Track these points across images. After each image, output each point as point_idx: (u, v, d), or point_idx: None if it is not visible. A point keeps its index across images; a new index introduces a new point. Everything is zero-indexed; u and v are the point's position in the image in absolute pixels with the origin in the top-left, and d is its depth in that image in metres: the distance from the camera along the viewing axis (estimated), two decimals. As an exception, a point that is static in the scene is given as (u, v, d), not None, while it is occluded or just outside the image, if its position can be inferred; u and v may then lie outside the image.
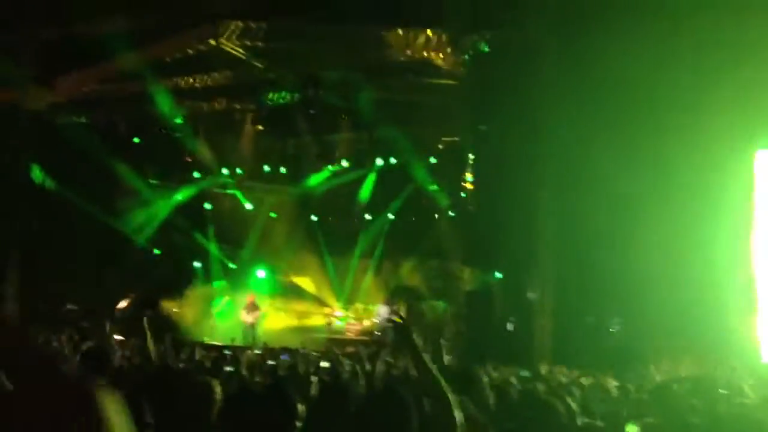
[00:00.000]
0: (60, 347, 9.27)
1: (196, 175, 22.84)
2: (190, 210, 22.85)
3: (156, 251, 22.59)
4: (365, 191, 22.49)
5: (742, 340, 11.90)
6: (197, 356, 9.88)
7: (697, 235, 12.35)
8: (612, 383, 7.08)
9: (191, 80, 19.07)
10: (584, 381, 7.94)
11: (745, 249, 12.89)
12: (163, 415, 4.85)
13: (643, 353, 12.74)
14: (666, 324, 12.92)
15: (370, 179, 22.25)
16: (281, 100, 19.86)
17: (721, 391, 5.70)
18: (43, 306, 18.65)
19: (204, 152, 21.94)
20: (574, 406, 4.76)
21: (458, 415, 3.04)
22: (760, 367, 10.10)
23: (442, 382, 3.12)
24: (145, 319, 5.93)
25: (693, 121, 11.86)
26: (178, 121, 20.68)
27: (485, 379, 6.92)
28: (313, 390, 6.70)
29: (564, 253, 14.98)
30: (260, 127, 21.62)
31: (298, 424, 3.81)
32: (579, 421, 4.68)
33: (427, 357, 3.22)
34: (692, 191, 12.22)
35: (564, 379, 8.11)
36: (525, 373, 9.17)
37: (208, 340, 18.30)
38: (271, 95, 19.87)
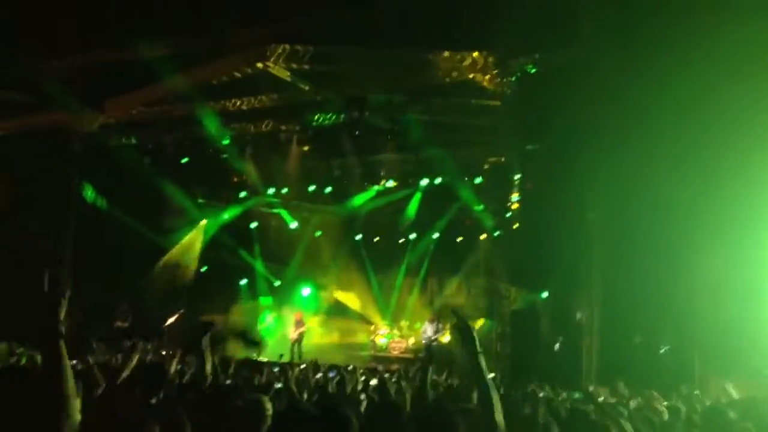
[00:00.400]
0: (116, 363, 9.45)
1: (242, 194, 23.17)
2: (236, 229, 23.21)
3: (203, 269, 22.94)
4: (411, 211, 22.56)
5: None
6: (246, 373, 9.98)
7: (747, 255, 12.15)
8: (661, 404, 7.00)
9: (238, 102, 19.37)
10: (633, 402, 7.88)
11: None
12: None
13: (691, 373, 12.57)
14: (715, 343, 12.72)
15: (416, 199, 22.32)
16: (327, 122, 20.05)
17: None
18: (93, 323, 19.04)
19: (250, 172, 22.25)
20: (628, 427, 4.74)
21: (500, 418, 3.10)
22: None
23: (490, 383, 3.19)
24: (203, 340, 6.00)
25: (746, 141, 11.68)
26: (226, 142, 21.00)
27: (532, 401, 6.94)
28: (363, 408, 6.74)
29: (611, 273, 14.85)
30: (306, 148, 21.83)
31: None
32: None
33: (481, 358, 3.30)
34: (744, 212, 12.02)
35: (612, 400, 8.05)
36: (577, 395, 9.10)
37: (255, 357, 18.48)
38: (316, 117, 20.08)
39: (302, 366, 12.90)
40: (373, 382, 9.41)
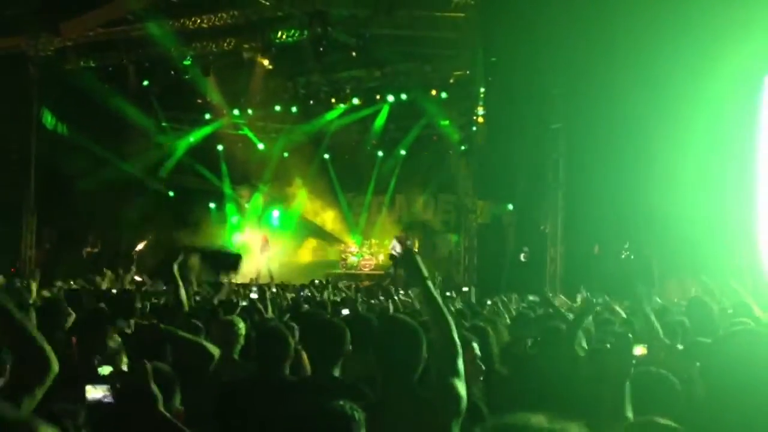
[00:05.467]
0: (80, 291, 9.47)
1: (207, 116, 22.83)
2: (202, 152, 22.94)
3: (170, 193, 22.77)
4: (377, 128, 22.45)
5: (747, 264, 12.00)
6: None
7: (702, 163, 12.37)
8: (621, 306, 7.27)
9: (198, 20, 18.89)
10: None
11: (749, 175, 12.86)
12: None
13: (650, 276, 12.95)
14: (671, 249, 13.08)
15: (382, 116, 22.19)
16: (290, 39, 19.67)
17: (728, 311, 5.85)
18: (60, 251, 18.97)
19: (214, 93, 21.88)
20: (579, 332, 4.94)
21: (456, 337, 3.16)
22: (763, 289, 10.24)
23: (444, 308, 3.23)
24: (174, 266, 6.05)
25: (703, 47, 11.73)
26: (187, 62, 20.57)
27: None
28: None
29: (574, 183, 15.07)
30: (270, 67, 21.48)
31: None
32: (586, 345, 4.86)
33: (431, 284, 3.29)
34: (700, 119, 12.15)
35: (575, 305, 8.32)
36: (531, 297, 9.38)
37: (228, 280, 18.55)
38: (279, 34, 19.67)
39: (274, 289, 13.03)
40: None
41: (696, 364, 3.44)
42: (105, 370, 3.10)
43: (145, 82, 21.27)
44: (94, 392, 2.70)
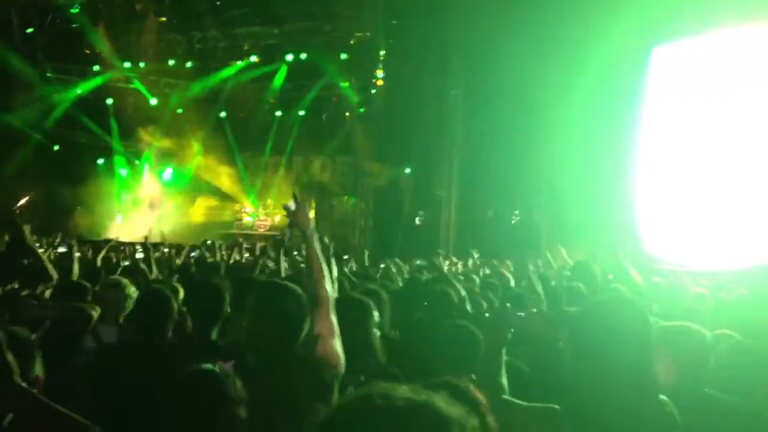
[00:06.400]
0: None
1: (95, 68, 21.82)
2: (90, 104, 21.95)
3: (55, 147, 21.72)
4: (276, 87, 22.03)
5: (625, 231, 12.48)
6: (105, 255, 9.70)
7: (587, 134, 12.73)
8: (509, 270, 7.42)
9: (88, -34, 18.03)
10: (483, 271, 8.30)
11: (630, 146, 13.30)
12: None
13: (538, 242, 13.35)
14: (557, 216, 13.48)
15: (281, 75, 21.78)
16: (185, -10, 19.06)
17: (609, 277, 6.03)
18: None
19: (103, 44, 20.92)
20: (463, 293, 4.99)
21: (331, 289, 3.15)
22: (640, 255, 10.73)
23: (324, 265, 3.19)
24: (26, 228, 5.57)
25: (592, 18, 11.98)
26: (75, 10, 19.58)
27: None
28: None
29: (469, 149, 15.27)
30: (164, 19, 20.71)
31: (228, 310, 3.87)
32: (469, 307, 4.91)
33: (315, 240, 3.24)
34: (585, 91, 12.44)
35: (462, 268, 8.45)
36: (420, 262, 9.49)
37: (115, 239, 17.98)
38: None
39: (165, 249, 12.68)
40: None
41: (563, 332, 3.51)
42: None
43: (30, 30, 20.15)
44: None
